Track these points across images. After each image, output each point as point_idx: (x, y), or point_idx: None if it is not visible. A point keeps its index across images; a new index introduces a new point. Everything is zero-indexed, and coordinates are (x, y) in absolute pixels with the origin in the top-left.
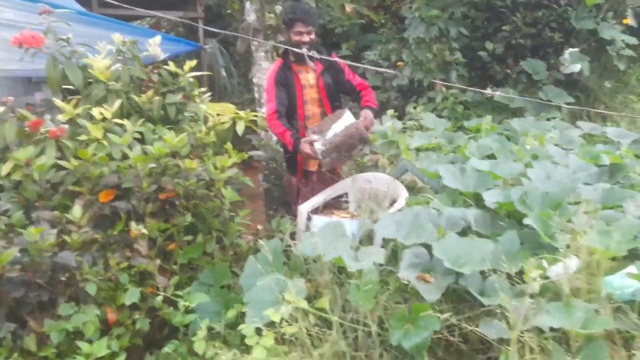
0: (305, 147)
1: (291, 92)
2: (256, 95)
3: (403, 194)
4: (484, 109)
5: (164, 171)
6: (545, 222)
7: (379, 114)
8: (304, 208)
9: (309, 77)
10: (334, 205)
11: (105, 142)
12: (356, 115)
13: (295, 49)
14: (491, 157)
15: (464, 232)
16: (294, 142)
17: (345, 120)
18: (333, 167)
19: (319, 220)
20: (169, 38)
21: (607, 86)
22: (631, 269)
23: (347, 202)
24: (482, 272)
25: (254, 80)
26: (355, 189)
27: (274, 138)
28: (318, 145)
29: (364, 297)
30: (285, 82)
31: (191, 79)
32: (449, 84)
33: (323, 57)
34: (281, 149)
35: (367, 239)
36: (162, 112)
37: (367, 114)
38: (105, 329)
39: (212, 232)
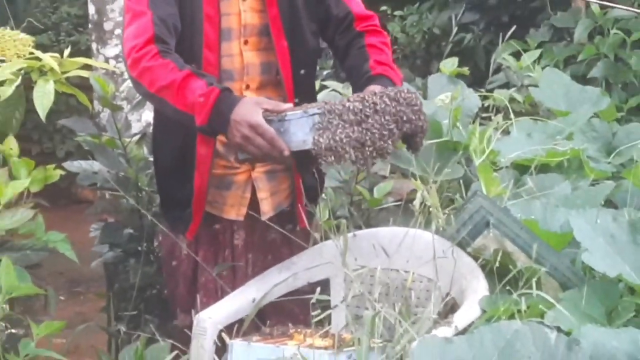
0: (253, 114)
1: (189, 6)
2: (92, 11)
3: (477, 288)
4: None
5: None
6: None
7: None
8: (208, 318)
9: None
10: (292, 313)
11: None
12: None
13: None
14: None
15: None
16: (217, 100)
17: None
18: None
19: (248, 353)
20: None
21: None
22: None
23: (324, 307)
24: None
25: None
26: (349, 271)
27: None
28: (294, 112)
29: None
30: None
31: None
32: None
33: None
34: (154, 153)
35: None
36: None
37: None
38: None
39: None
